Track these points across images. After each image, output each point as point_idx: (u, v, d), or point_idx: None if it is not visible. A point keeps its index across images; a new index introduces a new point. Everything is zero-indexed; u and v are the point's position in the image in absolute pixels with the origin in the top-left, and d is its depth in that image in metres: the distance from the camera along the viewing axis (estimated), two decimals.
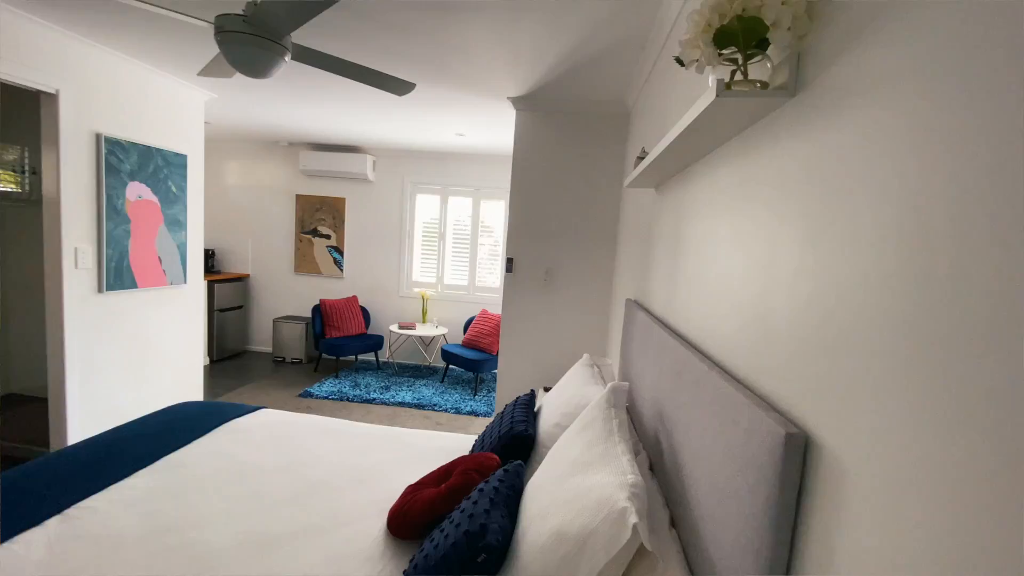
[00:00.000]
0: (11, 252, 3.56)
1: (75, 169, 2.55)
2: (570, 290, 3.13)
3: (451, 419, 3.90)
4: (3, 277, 3.56)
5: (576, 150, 3.04)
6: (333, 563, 1.29)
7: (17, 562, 1.21)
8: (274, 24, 1.52)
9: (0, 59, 2.19)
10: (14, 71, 2.25)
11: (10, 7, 2.18)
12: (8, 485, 1.52)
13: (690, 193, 1.41)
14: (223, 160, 5.47)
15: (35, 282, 3.49)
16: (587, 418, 1.31)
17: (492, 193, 5.17)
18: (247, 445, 1.93)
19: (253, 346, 5.63)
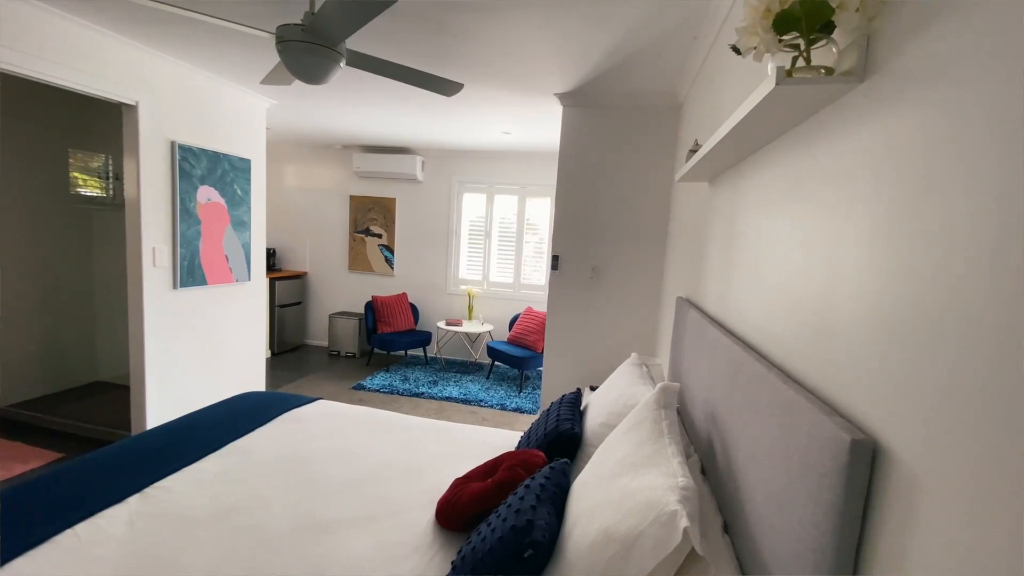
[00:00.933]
0: (98, 252, 3.90)
1: (152, 174, 2.77)
2: (617, 288, 3.08)
3: (496, 415, 3.93)
4: (92, 275, 3.91)
5: (624, 145, 2.99)
6: (385, 550, 1.33)
7: (102, 536, 1.33)
8: (330, 32, 1.58)
9: (88, 75, 2.40)
10: (100, 85, 2.46)
11: (96, 26, 2.39)
12: (95, 465, 1.67)
13: (746, 186, 1.36)
14: (283, 164, 5.76)
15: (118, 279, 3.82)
16: (636, 418, 1.29)
17: (537, 191, 5.16)
18: (305, 434, 2.03)
19: (310, 340, 5.90)
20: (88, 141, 3.77)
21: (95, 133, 3.75)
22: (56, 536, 1.30)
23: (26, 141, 3.42)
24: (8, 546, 1.23)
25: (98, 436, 3.09)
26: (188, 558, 1.26)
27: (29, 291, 3.51)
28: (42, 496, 1.46)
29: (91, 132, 3.75)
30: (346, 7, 1.42)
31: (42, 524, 1.33)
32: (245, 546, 1.32)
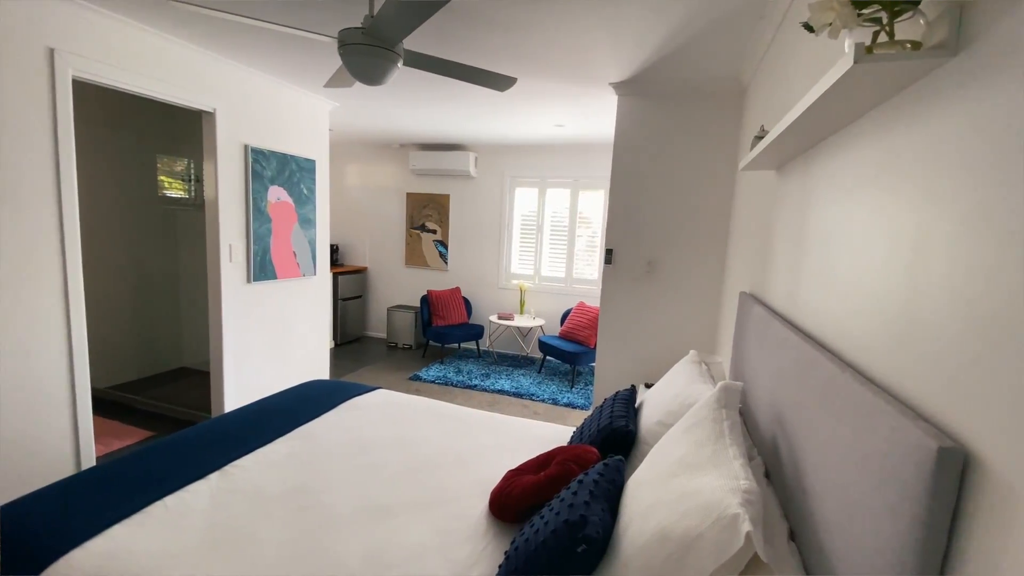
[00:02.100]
0: (182, 248, 4.25)
1: (228, 176, 2.97)
2: (675, 282, 2.98)
3: (548, 409, 3.93)
4: (177, 270, 4.27)
5: (683, 133, 2.88)
6: (440, 536, 1.37)
7: (187, 508, 1.46)
8: (388, 32, 1.63)
9: (172, 85, 2.61)
10: (182, 95, 2.67)
11: (179, 40, 2.59)
12: (180, 444, 1.82)
13: (819, 174, 1.27)
14: (344, 163, 6.02)
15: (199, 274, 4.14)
16: (695, 418, 1.24)
17: (591, 183, 5.09)
18: (366, 421, 2.13)
19: (370, 332, 6.16)
20: (173, 147, 4.10)
21: (179, 139, 4.08)
22: (148, 507, 1.44)
23: (121, 149, 3.77)
24: (107, 514, 1.38)
25: (183, 417, 3.38)
26: (262, 532, 1.36)
27: (124, 285, 3.88)
28: (136, 470, 1.62)
29: (175, 139, 4.08)
30: (404, 7, 1.46)
31: (136, 495, 1.48)
32: (312, 524, 1.40)
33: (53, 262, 2.16)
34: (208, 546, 1.30)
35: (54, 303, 2.17)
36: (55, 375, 2.20)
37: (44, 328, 2.15)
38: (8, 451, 2.06)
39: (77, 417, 2.30)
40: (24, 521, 1.34)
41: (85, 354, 2.30)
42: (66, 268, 2.20)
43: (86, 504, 1.41)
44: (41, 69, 2.05)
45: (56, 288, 2.18)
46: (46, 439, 2.19)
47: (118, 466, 1.64)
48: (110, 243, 3.74)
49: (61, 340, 2.21)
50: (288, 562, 1.25)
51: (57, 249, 2.17)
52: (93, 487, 1.50)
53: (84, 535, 1.29)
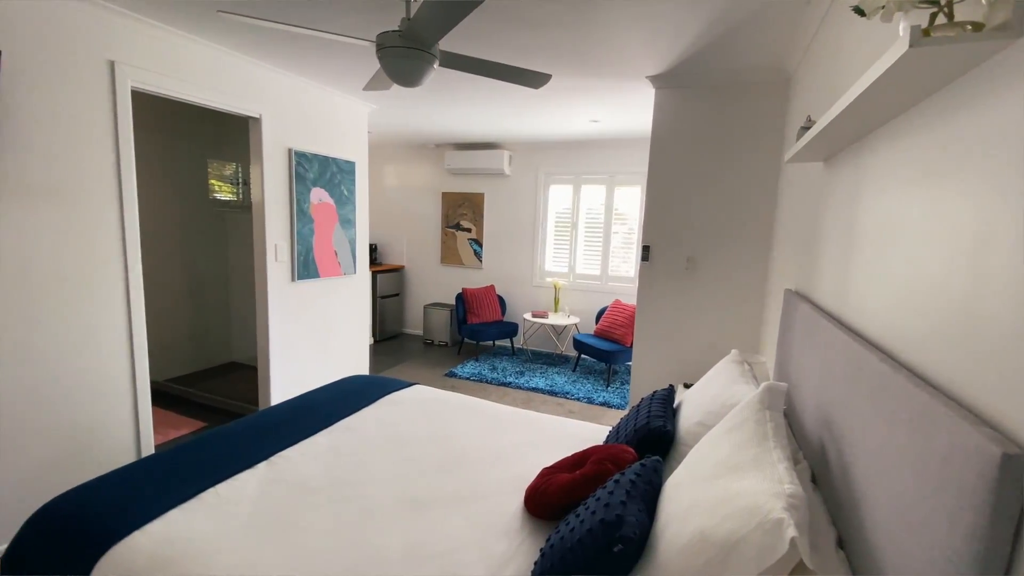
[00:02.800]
0: (231, 249, 4.46)
1: (273, 179, 3.10)
2: (716, 279, 2.90)
3: (583, 408, 3.91)
4: (227, 269, 4.48)
5: (723, 125, 2.79)
6: (476, 531, 1.39)
7: (238, 495, 1.53)
8: (425, 34, 1.66)
9: (221, 93, 2.74)
10: (231, 102, 2.79)
11: (226, 49, 2.71)
12: (231, 435, 1.92)
13: (870, 165, 1.21)
14: (382, 164, 6.16)
15: (247, 272, 4.34)
16: (736, 419, 1.21)
17: (627, 179, 5.01)
18: (404, 416, 2.17)
19: (407, 329, 6.28)
20: (222, 152, 4.31)
21: (227, 144, 4.28)
22: (201, 493, 1.52)
23: (175, 155, 3.99)
24: (165, 499, 1.46)
25: (233, 409, 3.55)
26: (306, 520, 1.42)
27: (178, 283, 4.11)
28: (191, 459, 1.71)
29: (224, 144, 4.28)
30: (439, 9, 1.48)
31: (191, 482, 1.56)
32: (353, 514, 1.45)
33: (116, 262, 2.30)
34: (256, 532, 1.36)
35: (117, 300, 2.33)
36: (118, 368, 2.36)
37: (108, 324, 2.30)
38: (79, 437, 2.22)
39: (138, 407, 2.46)
40: (91, 503, 1.44)
41: (144, 348, 2.45)
42: (127, 267, 2.35)
43: (146, 489, 1.51)
44: (103, 81, 2.19)
45: (118, 286, 2.33)
46: (110, 427, 2.35)
47: (174, 454, 1.74)
48: (165, 244, 3.96)
49: (123, 335, 2.37)
50: (331, 550, 1.29)
51: (119, 249, 2.31)
52: (152, 474, 1.60)
53: (145, 518, 1.37)
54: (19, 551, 1.35)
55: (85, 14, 2.10)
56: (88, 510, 1.41)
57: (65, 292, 2.12)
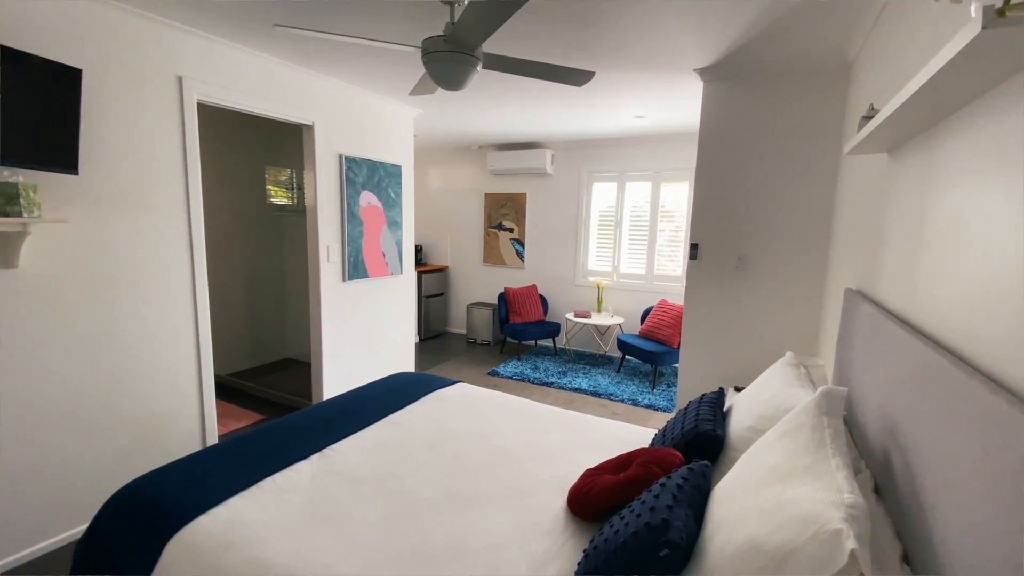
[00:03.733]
0: (287, 250, 4.68)
1: (326, 184, 3.23)
2: (769, 278, 2.78)
3: (628, 410, 3.84)
4: (283, 270, 4.71)
5: (777, 117, 2.67)
6: (519, 529, 1.40)
7: (292, 485, 1.61)
8: (469, 37, 1.68)
9: (278, 103, 2.88)
10: (286, 111, 2.93)
11: (281, 60, 2.85)
12: (286, 427, 2.01)
13: (940, 155, 1.13)
14: (427, 167, 6.29)
15: (301, 273, 4.54)
16: (791, 424, 1.16)
17: (673, 175, 4.88)
18: (448, 413, 2.21)
19: (451, 328, 6.39)
20: (278, 159, 4.53)
21: (283, 152, 4.50)
22: (260, 482, 1.61)
23: (236, 163, 4.23)
24: (228, 486, 1.56)
25: (288, 403, 3.73)
26: (356, 511, 1.47)
27: (238, 284, 4.35)
28: (250, 449, 1.81)
29: (280, 151, 4.50)
30: (483, 11, 1.50)
31: (251, 471, 1.66)
32: (400, 507, 1.49)
33: (183, 263, 2.47)
34: (309, 520, 1.42)
35: (184, 299, 2.49)
36: (185, 362, 2.53)
37: (177, 321, 2.47)
38: (152, 426, 2.40)
39: (203, 400, 2.63)
40: (163, 488, 1.55)
41: (209, 344, 2.62)
42: (194, 268, 2.51)
43: (211, 477, 1.61)
44: (172, 95, 2.35)
45: (186, 286, 2.50)
46: (178, 418, 2.52)
47: (236, 445, 1.85)
48: (227, 246, 4.21)
49: (190, 332, 2.53)
50: (379, 540, 1.34)
51: (187, 252, 2.48)
52: (216, 462, 1.71)
53: (210, 503, 1.47)
54: (99, 530, 1.48)
55: (156, 33, 2.26)
56: (160, 494, 1.52)
57: (140, 292, 2.30)
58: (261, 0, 2.03)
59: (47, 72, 1.82)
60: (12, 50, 1.72)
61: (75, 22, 1.98)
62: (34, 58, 1.78)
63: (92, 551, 1.46)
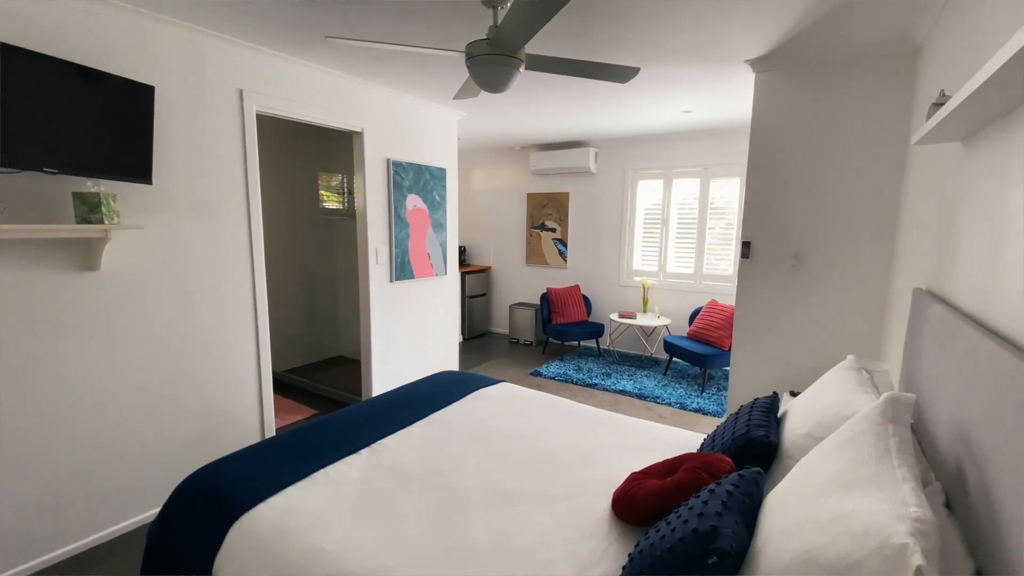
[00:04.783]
0: (338, 253, 4.87)
1: (374, 188, 3.34)
2: (828, 277, 2.63)
3: (675, 414, 3.74)
4: (335, 271, 4.90)
5: (836, 106, 2.53)
6: (563, 530, 1.39)
7: (344, 477, 1.67)
8: (512, 40, 1.69)
9: (330, 111, 3.00)
10: (337, 119, 3.05)
11: (331, 70, 2.97)
12: (338, 422, 2.10)
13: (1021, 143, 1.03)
14: (471, 169, 6.38)
15: (352, 274, 4.71)
16: (852, 431, 1.09)
17: (723, 171, 4.71)
18: (491, 412, 2.24)
19: (494, 328, 6.44)
20: (330, 165, 4.72)
21: (334, 158, 4.69)
22: (314, 473, 1.68)
23: (291, 169, 4.45)
24: (285, 477, 1.64)
25: (339, 399, 3.88)
26: (403, 505, 1.51)
27: (293, 284, 4.57)
28: (305, 442, 1.90)
29: (332, 157, 4.69)
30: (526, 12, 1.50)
31: (305, 463, 1.74)
32: (445, 503, 1.52)
33: (244, 265, 2.62)
34: (359, 512, 1.48)
35: (245, 300, 2.65)
36: (246, 359, 2.68)
37: (238, 320, 2.62)
38: (216, 418, 2.56)
39: (262, 394, 2.78)
40: (226, 477, 1.65)
41: (268, 342, 2.76)
42: (254, 270, 2.66)
43: (270, 467, 1.70)
44: (233, 108, 2.50)
45: (246, 287, 2.65)
46: (239, 412, 2.68)
47: (291, 438, 1.94)
48: (283, 249, 4.43)
49: (250, 330, 2.69)
50: (425, 535, 1.37)
51: (247, 255, 2.63)
52: (273, 454, 1.80)
53: (268, 493, 1.55)
54: (171, 514, 1.59)
55: (219, 50, 2.41)
56: (224, 482, 1.62)
57: (205, 292, 2.46)
58: (314, 14, 2.13)
59: (124, 90, 1.98)
60: (92, 70, 1.88)
61: (147, 42, 2.15)
62: (112, 77, 1.94)
63: (164, 533, 1.57)
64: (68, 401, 2.03)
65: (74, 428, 2.05)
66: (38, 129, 1.75)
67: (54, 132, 1.79)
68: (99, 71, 1.90)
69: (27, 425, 1.93)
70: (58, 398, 2.00)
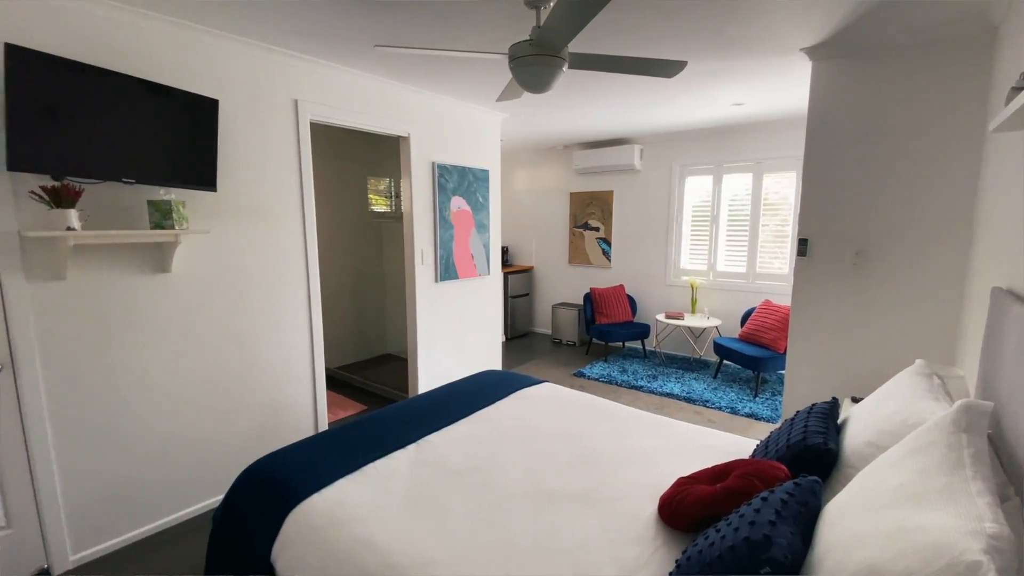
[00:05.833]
0: (385, 254, 5.02)
1: (420, 191, 3.42)
2: (894, 276, 2.47)
3: (725, 419, 3.61)
4: (383, 272, 5.06)
5: (902, 94, 2.36)
6: (606, 533, 1.38)
7: (392, 471, 1.73)
8: (556, 39, 1.69)
9: (378, 117, 3.10)
10: (385, 124, 3.15)
11: (379, 77, 3.06)
12: (387, 418, 2.16)
13: None
14: (513, 169, 6.40)
15: (399, 275, 4.84)
16: (921, 440, 1.02)
17: (777, 164, 4.50)
18: (535, 411, 2.24)
19: (536, 328, 6.44)
20: (378, 169, 4.88)
21: (382, 162, 4.83)
22: (364, 467, 1.74)
23: (342, 175, 4.62)
24: (337, 469, 1.71)
25: (387, 395, 4.00)
26: (448, 500, 1.54)
27: (344, 285, 4.75)
28: (355, 436, 1.97)
29: (379, 162, 4.84)
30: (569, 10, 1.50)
31: (356, 456, 1.80)
32: (489, 500, 1.54)
33: (299, 266, 2.75)
34: (406, 505, 1.52)
35: (300, 299, 2.78)
36: (301, 355, 2.81)
37: (294, 318, 2.75)
38: (273, 412, 2.71)
39: (316, 390, 2.91)
40: (284, 467, 1.74)
41: (321, 340, 2.89)
42: (308, 273, 2.79)
43: (322, 460, 1.78)
44: (289, 117, 2.63)
45: (301, 288, 2.78)
46: (294, 406, 2.81)
47: (343, 432, 2.02)
48: (334, 251, 4.61)
49: (304, 327, 2.82)
50: (469, 531, 1.39)
51: (302, 257, 2.76)
52: (326, 447, 1.88)
53: (322, 484, 1.62)
54: (234, 500, 1.69)
55: (277, 63, 2.54)
56: (281, 473, 1.71)
57: (264, 292, 2.60)
58: (363, 23, 2.20)
59: (191, 103, 2.12)
60: (162, 86, 2.03)
61: (211, 58, 2.29)
62: (180, 92, 2.09)
63: (228, 519, 1.68)
64: (142, 393, 2.20)
65: (147, 418, 2.22)
66: (116, 142, 1.91)
67: (130, 144, 1.95)
68: (168, 87, 2.05)
69: (106, 415, 2.10)
70: (134, 391, 2.17)
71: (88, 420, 2.05)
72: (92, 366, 2.05)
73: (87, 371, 2.04)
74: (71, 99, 1.78)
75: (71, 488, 2.03)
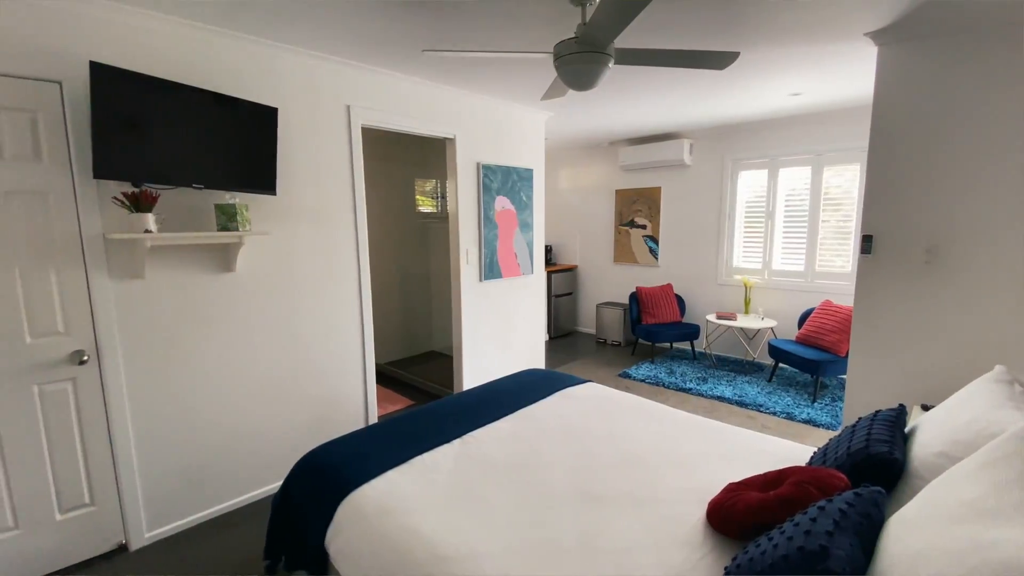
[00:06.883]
0: (432, 254, 5.13)
1: (465, 191, 3.47)
2: (969, 273, 2.28)
3: (781, 424, 3.45)
4: (429, 271, 5.17)
5: (979, 78, 2.17)
6: (652, 535, 1.35)
7: (437, 465, 1.77)
8: (601, 36, 1.67)
9: (425, 121, 3.17)
10: (432, 127, 3.22)
11: (426, 81, 3.13)
12: (433, 413, 2.21)
13: None
14: (558, 168, 6.38)
15: (444, 274, 4.94)
16: (998, 452, 0.94)
17: (839, 157, 4.24)
18: (579, 411, 2.23)
19: (580, 327, 6.39)
20: (424, 171, 4.99)
21: (428, 164, 4.94)
22: (411, 459, 1.80)
23: (390, 177, 4.77)
24: (386, 461, 1.77)
25: (433, 391, 4.09)
26: (491, 495, 1.56)
27: (392, 283, 4.89)
28: (403, 430, 2.03)
29: (426, 164, 4.95)
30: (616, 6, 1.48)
31: (404, 449, 1.86)
32: (532, 497, 1.55)
33: (351, 265, 2.86)
34: (452, 498, 1.55)
35: (352, 297, 2.89)
36: (352, 351, 2.93)
37: (346, 315, 2.87)
38: (327, 404, 2.83)
39: (366, 384, 3.02)
40: (337, 458, 1.82)
41: (371, 336, 2.99)
42: (359, 272, 2.90)
43: (372, 451, 1.84)
44: (342, 123, 2.74)
45: (353, 286, 2.89)
46: (346, 399, 2.93)
47: (392, 425, 2.09)
48: (383, 251, 4.76)
49: (356, 324, 2.93)
50: (512, 526, 1.41)
51: (354, 256, 2.87)
52: (376, 439, 1.95)
53: (372, 474, 1.69)
54: (291, 487, 1.79)
55: (330, 71, 2.65)
56: (334, 463, 1.79)
57: (318, 291, 2.72)
58: (410, 28, 2.26)
59: (252, 112, 2.25)
60: (227, 96, 2.17)
61: (270, 69, 2.42)
62: (243, 101, 2.22)
63: (285, 505, 1.77)
64: (210, 384, 2.36)
65: (215, 408, 2.38)
66: (188, 150, 2.06)
67: (199, 152, 2.09)
68: (234, 97, 2.18)
69: (178, 405, 2.27)
70: (202, 382, 2.33)
71: (162, 409, 2.22)
72: (166, 359, 2.22)
73: (161, 364, 2.20)
74: (148, 111, 1.94)
75: (147, 471, 2.21)
